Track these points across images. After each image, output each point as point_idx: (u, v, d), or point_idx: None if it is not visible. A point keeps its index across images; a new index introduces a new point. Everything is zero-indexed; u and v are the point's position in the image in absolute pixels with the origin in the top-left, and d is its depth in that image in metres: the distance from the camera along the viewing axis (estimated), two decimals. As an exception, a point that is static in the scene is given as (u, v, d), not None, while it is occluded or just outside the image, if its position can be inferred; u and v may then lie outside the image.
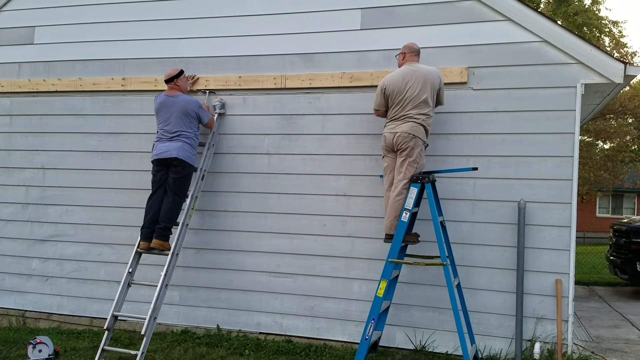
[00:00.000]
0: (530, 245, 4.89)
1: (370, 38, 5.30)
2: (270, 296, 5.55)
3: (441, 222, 4.67)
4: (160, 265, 5.09)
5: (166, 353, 5.16)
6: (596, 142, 21.15)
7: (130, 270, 5.06)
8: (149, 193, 5.18)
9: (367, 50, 5.31)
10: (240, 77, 5.64)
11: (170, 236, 5.10)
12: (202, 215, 5.71)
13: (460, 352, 4.56)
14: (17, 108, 6.39)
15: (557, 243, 4.87)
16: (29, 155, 6.32)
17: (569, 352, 4.81)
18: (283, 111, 5.55)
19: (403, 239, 4.52)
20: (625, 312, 7.48)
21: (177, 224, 5.17)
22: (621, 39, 21.32)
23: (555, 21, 5.18)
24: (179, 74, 5.28)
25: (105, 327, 4.86)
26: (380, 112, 4.89)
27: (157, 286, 4.87)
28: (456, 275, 4.76)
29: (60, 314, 6.17)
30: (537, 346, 4.78)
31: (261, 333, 5.56)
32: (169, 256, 5.03)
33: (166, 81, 5.27)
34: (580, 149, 9.85)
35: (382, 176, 4.93)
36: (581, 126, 5.77)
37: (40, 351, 5.00)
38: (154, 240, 5.01)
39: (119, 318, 5.02)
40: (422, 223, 4.89)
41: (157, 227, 5.02)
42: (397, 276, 4.90)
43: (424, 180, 4.55)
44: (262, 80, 5.57)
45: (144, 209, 5.13)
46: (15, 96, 6.38)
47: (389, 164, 4.76)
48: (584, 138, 18.97)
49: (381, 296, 4.52)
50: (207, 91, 5.72)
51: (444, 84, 4.77)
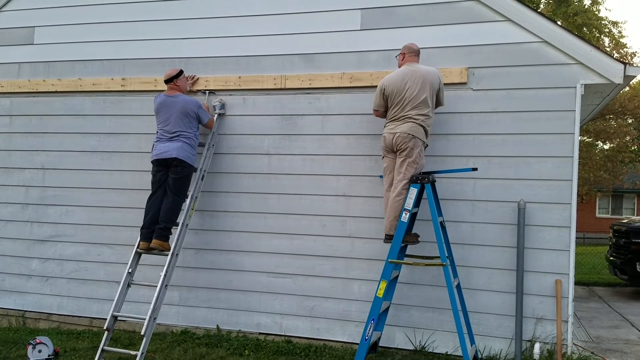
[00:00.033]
0: (530, 246, 4.89)
1: (370, 38, 5.30)
2: (270, 296, 5.55)
3: (441, 223, 4.67)
4: (160, 265, 5.09)
5: (166, 353, 5.16)
6: (596, 143, 21.17)
7: (130, 271, 5.07)
8: (149, 193, 5.18)
9: (367, 50, 5.31)
10: (240, 77, 5.64)
11: (170, 236, 5.10)
12: (202, 215, 5.71)
13: (460, 353, 4.56)
14: (17, 108, 6.39)
15: (556, 243, 4.87)
16: (28, 155, 6.32)
17: (568, 352, 4.81)
18: (283, 111, 5.55)
19: (403, 239, 4.53)
20: (625, 312, 7.48)
21: (177, 224, 5.17)
22: (621, 40, 21.36)
23: (555, 21, 5.18)
24: (179, 74, 5.28)
25: (105, 328, 4.86)
26: (379, 113, 4.89)
27: (156, 286, 4.87)
28: (456, 275, 4.76)
29: (60, 315, 6.17)
30: (536, 346, 4.78)
31: (261, 333, 5.56)
32: (169, 256, 5.03)
33: (166, 81, 5.27)
34: (580, 150, 9.84)
35: (382, 176, 4.93)
36: (581, 126, 5.77)
37: (40, 351, 5.00)
38: (154, 241, 5.01)
39: (118, 318, 5.02)
40: (422, 223, 4.89)
41: (157, 227, 5.02)
42: (397, 276, 4.90)
43: (423, 181, 4.55)
44: (262, 80, 5.57)
45: (144, 209, 5.13)
46: (15, 96, 6.38)
47: (388, 165, 4.76)
48: (584, 138, 18.98)
49: (381, 296, 4.52)
50: (207, 91, 5.72)
51: (444, 84, 4.77)
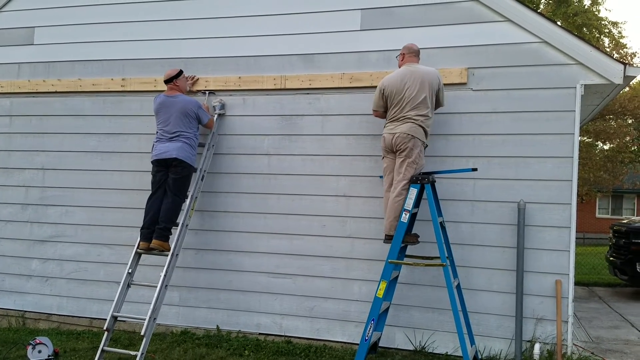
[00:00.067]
0: (530, 246, 4.89)
1: (370, 39, 5.30)
2: (270, 297, 5.55)
3: (441, 223, 4.67)
4: (160, 265, 5.08)
5: (166, 354, 5.16)
6: (596, 143, 21.18)
7: (130, 271, 5.07)
8: (149, 193, 5.18)
9: (366, 50, 5.31)
10: (240, 77, 5.64)
11: (170, 237, 5.10)
12: (202, 215, 5.71)
13: (460, 353, 4.55)
14: (16, 109, 6.39)
15: (556, 244, 4.86)
16: (28, 155, 6.32)
17: (568, 352, 4.81)
18: (283, 112, 5.55)
19: (403, 239, 4.52)
20: (625, 312, 7.48)
21: (177, 225, 5.17)
22: (621, 40, 21.37)
23: (554, 22, 5.18)
24: (178, 74, 5.28)
25: (105, 328, 4.86)
26: (378, 113, 4.89)
27: (156, 287, 4.87)
28: (456, 276, 4.76)
29: (59, 315, 6.17)
30: (536, 347, 4.78)
31: (261, 334, 5.55)
32: (169, 257, 5.03)
33: (165, 81, 5.27)
34: (580, 150, 9.83)
35: (382, 177, 4.93)
36: (581, 127, 5.77)
37: (39, 352, 5.00)
38: (154, 241, 5.01)
39: (118, 319, 5.02)
40: (422, 224, 4.88)
41: (157, 227, 5.02)
42: (397, 277, 4.89)
43: (423, 181, 4.54)
44: (262, 80, 5.56)
45: (144, 210, 5.13)
46: (15, 97, 6.38)
47: (388, 165, 4.76)
48: (584, 139, 18.98)
49: (381, 297, 4.52)
50: (207, 92, 5.72)
51: (444, 84, 4.76)
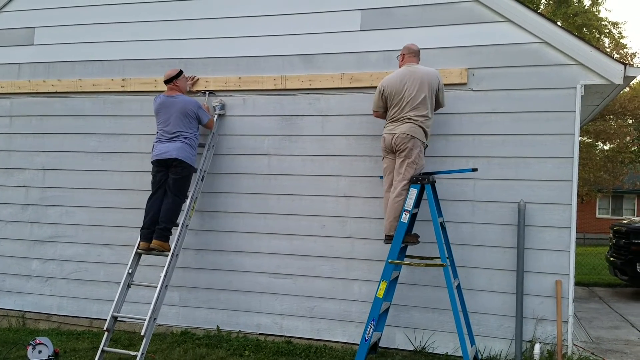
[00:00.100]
0: (530, 246, 4.89)
1: (370, 39, 5.30)
2: (270, 297, 5.55)
3: (441, 223, 4.67)
4: (160, 266, 5.08)
5: (166, 354, 5.16)
6: (596, 143, 21.19)
7: (130, 271, 5.06)
8: (149, 194, 5.18)
9: (366, 51, 5.31)
10: (240, 78, 5.64)
11: (170, 237, 5.10)
12: (202, 216, 5.71)
13: (460, 353, 4.55)
14: (17, 109, 6.39)
15: (557, 244, 4.86)
16: (28, 156, 6.32)
17: (568, 353, 4.81)
18: (283, 112, 5.55)
19: (403, 239, 4.52)
20: (625, 313, 7.47)
21: (177, 225, 5.17)
22: (621, 40, 21.36)
23: (555, 22, 5.18)
24: (178, 74, 5.28)
25: (105, 328, 4.86)
26: (378, 114, 4.89)
27: (156, 287, 4.87)
28: (456, 276, 4.76)
29: (60, 315, 6.17)
30: (537, 347, 4.78)
31: (261, 334, 5.55)
32: (169, 257, 5.03)
33: (165, 82, 5.27)
34: (580, 150, 9.84)
35: (382, 177, 4.93)
36: (581, 127, 5.77)
37: (40, 352, 5.00)
38: (154, 241, 5.01)
39: (118, 319, 5.02)
40: (422, 224, 4.88)
41: (157, 227, 5.02)
42: (397, 277, 4.89)
43: (423, 182, 4.54)
44: (262, 81, 5.57)
45: (144, 210, 5.13)
46: (15, 97, 6.38)
47: (388, 165, 4.76)
48: (584, 139, 18.99)
49: (381, 297, 4.52)
50: (207, 92, 5.72)
51: (444, 85, 4.76)
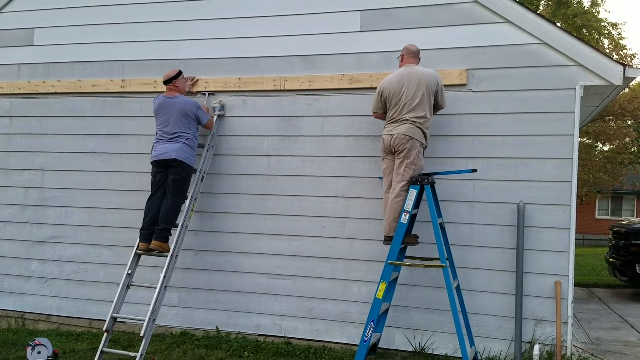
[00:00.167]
0: (530, 247, 4.89)
1: (370, 40, 5.30)
2: (270, 298, 5.54)
3: (440, 224, 4.67)
4: (159, 266, 5.08)
5: (165, 355, 5.16)
6: (595, 144, 21.20)
7: (130, 272, 5.06)
8: (148, 194, 5.17)
9: (366, 52, 5.31)
10: (239, 78, 5.64)
11: (170, 237, 5.09)
12: (202, 216, 5.71)
13: (459, 354, 4.55)
14: (16, 109, 6.39)
15: (556, 245, 4.86)
16: (28, 156, 6.31)
17: (568, 354, 4.81)
18: (282, 113, 5.55)
19: (402, 240, 4.52)
20: (625, 314, 7.47)
21: (177, 226, 5.16)
22: (620, 41, 21.35)
23: (554, 23, 5.18)
24: (178, 74, 5.28)
25: (104, 329, 4.86)
26: (378, 115, 4.89)
27: (156, 288, 4.87)
28: (455, 277, 4.75)
29: (59, 316, 6.16)
30: (536, 348, 4.78)
31: (260, 335, 5.55)
32: (168, 258, 5.02)
33: (164, 82, 5.27)
34: (580, 151, 9.81)
35: (382, 178, 4.93)
36: (580, 128, 5.77)
37: (39, 353, 4.99)
38: (153, 242, 5.01)
39: (118, 320, 5.01)
40: (422, 225, 4.88)
41: (157, 228, 5.01)
42: (397, 278, 4.89)
43: (423, 182, 4.54)
44: (262, 81, 5.57)
45: (143, 211, 5.13)
46: (15, 97, 6.38)
47: (387, 166, 4.76)
48: (583, 140, 19.00)
49: (380, 298, 4.52)
50: (207, 93, 5.72)
51: (444, 85, 4.76)
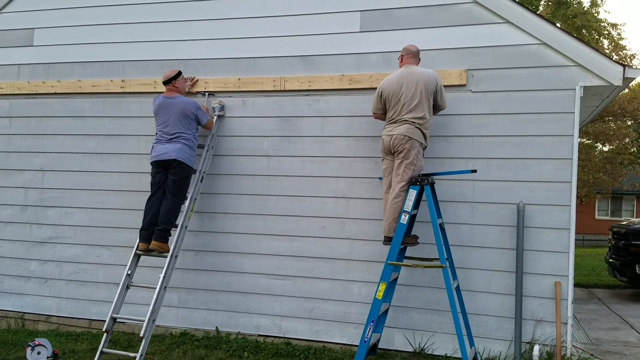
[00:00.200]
0: (529, 248, 4.89)
1: (370, 40, 5.30)
2: (270, 298, 5.54)
3: (440, 225, 4.67)
4: (159, 267, 5.08)
5: (165, 355, 5.16)
6: (595, 145, 21.20)
7: (129, 272, 5.06)
8: (148, 195, 5.17)
9: (366, 52, 5.31)
10: (239, 79, 5.64)
11: (169, 238, 5.09)
12: (201, 217, 5.71)
13: (459, 355, 4.55)
14: (16, 110, 6.39)
15: (556, 245, 4.86)
16: (28, 157, 6.31)
17: (568, 354, 4.81)
18: (282, 113, 5.55)
19: (402, 241, 4.52)
20: (625, 314, 7.47)
21: (176, 226, 5.16)
22: (620, 42, 21.35)
23: (554, 24, 5.18)
24: (177, 75, 5.28)
25: (104, 329, 4.86)
26: (378, 115, 4.90)
27: (156, 288, 4.87)
28: (455, 277, 4.75)
29: (59, 316, 6.16)
30: (536, 349, 4.77)
31: (260, 335, 5.55)
32: (168, 258, 5.02)
33: (164, 83, 5.27)
34: (580, 152, 9.85)
35: (381, 178, 4.93)
36: (580, 128, 5.77)
37: (39, 353, 4.99)
38: (153, 242, 5.00)
39: (117, 320, 5.01)
40: (422, 225, 4.88)
41: (156, 228, 5.01)
42: (397, 278, 4.89)
43: (422, 183, 4.54)
44: (262, 82, 5.57)
45: (143, 211, 5.13)
46: (15, 98, 6.37)
47: (387, 166, 4.76)
48: (583, 140, 19.01)
49: (380, 298, 4.52)
50: (207, 93, 5.72)
51: (443, 86, 4.76)
